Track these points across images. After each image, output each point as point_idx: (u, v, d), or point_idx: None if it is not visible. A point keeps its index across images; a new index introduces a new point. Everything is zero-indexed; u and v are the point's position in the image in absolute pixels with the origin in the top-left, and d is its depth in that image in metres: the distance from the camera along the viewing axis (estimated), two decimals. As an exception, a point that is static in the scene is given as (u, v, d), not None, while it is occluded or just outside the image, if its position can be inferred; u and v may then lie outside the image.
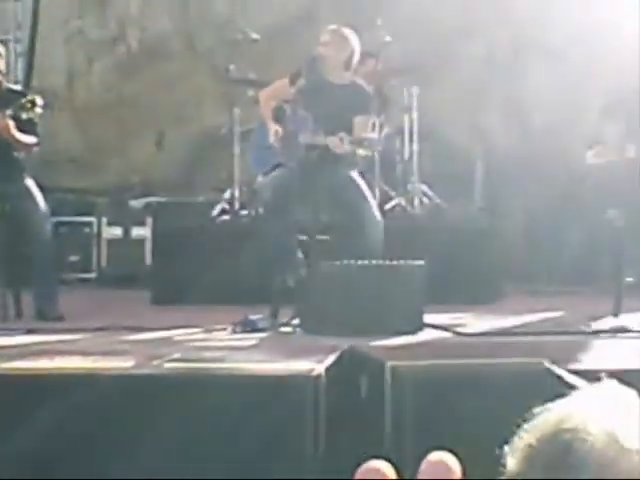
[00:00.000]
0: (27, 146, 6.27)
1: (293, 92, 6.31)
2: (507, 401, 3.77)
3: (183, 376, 3.86)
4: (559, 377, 3.82)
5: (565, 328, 5.72)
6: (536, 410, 1.16)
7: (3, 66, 6.43)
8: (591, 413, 1.12)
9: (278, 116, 6.43)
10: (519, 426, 1.18)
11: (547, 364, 4.10)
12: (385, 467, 0.53)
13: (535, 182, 9.02)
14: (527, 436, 1.13)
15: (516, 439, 1.14)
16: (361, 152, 6.16)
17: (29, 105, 6.04)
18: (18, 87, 6.51)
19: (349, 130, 6.06)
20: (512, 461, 1.11)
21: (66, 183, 9.17)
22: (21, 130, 6.14)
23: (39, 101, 6.07)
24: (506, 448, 1.23)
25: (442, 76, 9.03)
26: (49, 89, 7.90)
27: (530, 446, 1.13)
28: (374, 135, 6.62)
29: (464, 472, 0.58)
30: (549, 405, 1.14)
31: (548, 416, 1.12)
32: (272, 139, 6.28)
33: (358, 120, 6.16)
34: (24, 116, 6.03)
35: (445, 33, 9.32)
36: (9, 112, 6.03)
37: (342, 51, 6.27)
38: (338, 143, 5.96)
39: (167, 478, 3.53)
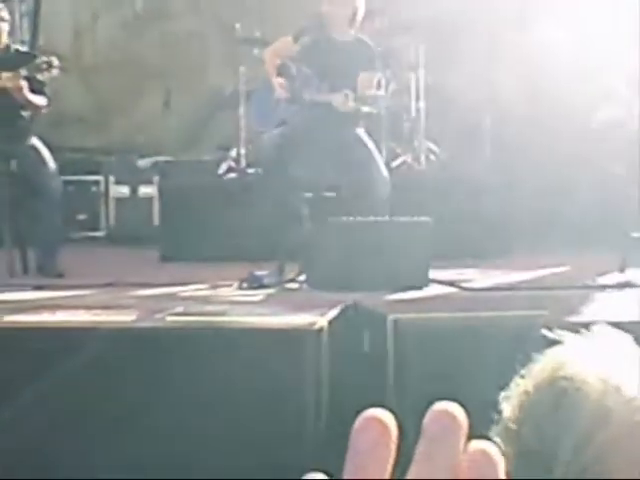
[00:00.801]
0: (38, 107, 6.29)
1: (297, 49, 6.30)
2: (509, 353, 3.79)
3: (184, 329, 3.89)
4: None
5: (571, 283, 5.72)
6: (534, 357, 1.14)
7: (8, 28, 6.42)
8: (587, 361, 1.10)
9: (282, 72, 6.42)
10: (517, 373, 1.20)
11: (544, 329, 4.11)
12: (386, 417, 0.51)
13: (544, 138, 8.99)
14: (523, 383, 1.12)
15: (512, 386, 1.13)
16: (365, 109, 6.15)
17: (45, 66, 6.05)
18: (25, 48, 6.50)
19: (353, 87, 6.05)
20: (507, 408, 1.10)
21: (73, 142, 9.17)
22: (31, 90, 6.15)
23: (55, 62, 6.08)
24: (502, 394, 1.21)
25: (449, 33, 8.97)
26: (55, 49, 7.85)
27: (526, 393, 1.11)
28: (379, 92, 6.61)
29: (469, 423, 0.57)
30: (546, 352, 1.13)
31: (544, 363, 1.11)
32: (277, 92, 6.28)
33: (362, 76, 6.15)
34: (39, 77, 6.05)
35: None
36: (23, 73, 6.04)
37: (346, 7, 6.26)
38: (342, 100, 5.96)
39: (168, 432, 3.56)
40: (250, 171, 7.80)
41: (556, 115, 8.99)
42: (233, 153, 7.97)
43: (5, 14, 6.42)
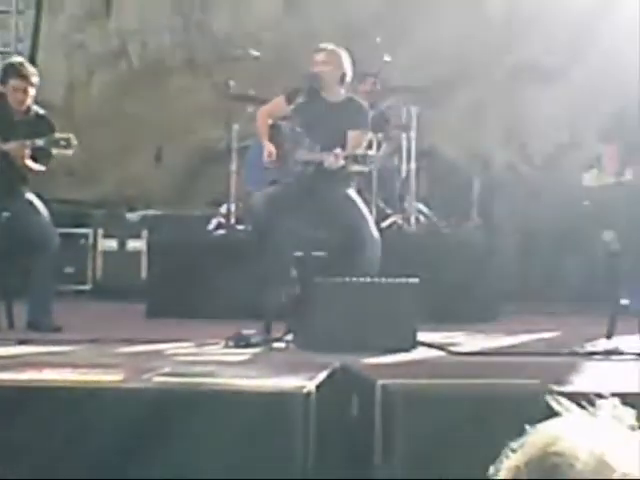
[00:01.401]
0: (34, 173, 6.29)
1: (290, 110, 6.35)
2: (500, 422, 3.77)
3: (172, 391, 3.85)
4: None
5: (559, 349, 5.71)
6: (527, 429, 1.10)
7: (34, 93, 6.36)
8: (581, 436, 1.05)
9: (274, 134, 6.47)
10: (507, 445, 1.11)
11: (550, 391, 4.10)
12: None
13: (532, 203, 9.04)
14: (514, 457, 1.07)
15: (503, 459, 1.09)
16: (356, 168, 6.19)
17: (64, 143, 6.04)
18: (42, 111, 6.47)
19: (344, 145, 6.09)
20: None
21: (63, 194, 9.17)
22: (34, 157, 6.17)
23: (74, 142, 6.07)
24: (492, 469, 1.16)
25: (441, 96, 9.05)
26: (49, 101, 7.89)
27: (517, 468, 1.07)
28: (370, 151, 6.65)
29: None
30: (539, 425, 1.08)
31: (537, 437, 1.06)
32: (266, 159, 6.32)
33: (353, 135, 6.20)
34: (54, 152, 6.05)
35: (445, 53, 9.35)
36: (39, 143, 6.03)
37: (338, 69, 6.34)
38: (333, 159, 6.00)
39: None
40: (240, 228, 7.80)
41: (545, 179, 9.05)
42: (223, 209, 7.98)
43: (36, 79, 6.36)
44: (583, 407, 1.14)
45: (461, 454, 3.73)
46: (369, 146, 6.67)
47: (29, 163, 6.17)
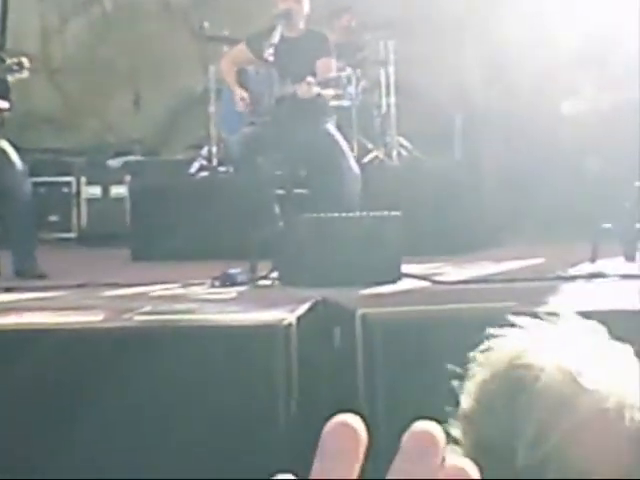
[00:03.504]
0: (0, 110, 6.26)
1: (249, 55, 6.37)
2: (477, 345, 3.81)
3: (151, 328, 3.88)
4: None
5: (542, 274, 5.75)
6: (492, 342, 1.03)
7: None
8: (547, 349, 1.00)
9: (242, 80, 6.49)
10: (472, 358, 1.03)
11: (511, 312, 4.13)
12: (356, 422, 0.51)
13: (513, 135, 9.02)
14: (480, 372, 1.04)
15: (469, 374, 1.05)
16: (330, 92, 6.23)
17: (16, 67, 6.02)
18: None
19: (314, 75, 6.12)
20: (465, 398, 1.02)
21: (44, 143, 9.15)
22: None
23: (26, 63, 6.05)
24: (458, 383, 1.12)
25: (419, 31, 8.99)
26: (23, 51, 7.82)
27: (483, 382, 1.04)
28: (342, 74, 6.68)
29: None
30: (505, 339, 1.03)
31: (502, 351, 1.02)
32: (239, 106, 6.34)
33: (320, 63, 6.22)
34: (9, 78, 6.02)
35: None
36: None
37: (306, 4, 6.36)
38: (305, 88, 6.02)
39: (137, 432, 3.55)
40: (222, 169, 7.79)
41: (525, 109, 9.02)
42: (204, 152, 7.97)
43: None
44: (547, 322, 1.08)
45: (442, 379, 3.77)
46: (337, 70, 6.67)
47: None
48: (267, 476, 0.56)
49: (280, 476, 0.52)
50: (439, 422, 0.55)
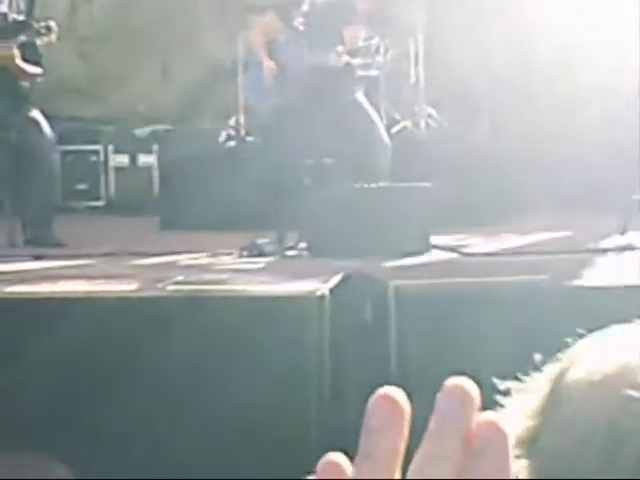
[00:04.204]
0: (32, 76, 6.28)
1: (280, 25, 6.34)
2: (511, 319, 3.81)
3: (185, 298, 3.89)
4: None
5: (572, 247, 5.72)
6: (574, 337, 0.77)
7: None
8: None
9: (271, 50, 6.46)
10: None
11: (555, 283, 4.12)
12: (399, 396, 0.52)
13: (541, 107, 8.97)
14: (569, 376, 0.74)
15: (528, 382, 0.76)
16: (358, 61, 6.21)
17: (44, 31, 6.07)
18: (22, 18, 6.50)
19: (342, 43, 6.09)
20: (533, 399, 0.74)
21: (72, 112, 9.15)
22: (25, 60, 6.14)
23: (54, 27, 6.09)
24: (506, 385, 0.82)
25: (449, 2, 8.92)
26: (51, 19, 7.81)
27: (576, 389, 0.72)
28: (371, 42, 6.66)
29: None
30: (600, 337, 0.76)
31: (602, 360, 0.73)
32: (267, 77, 6.32)
33: (348, 31, 6.18)
34: (38, 42, 6.06)
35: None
36: (21, 39, 6.05)
37: None
38: (336, 57, 6.00)
39: (173, 399, 3.57)
40: (249, 139, 7.78)
41: (553, 81, 8.96)
42: (232, 121, 7.95)
43: None
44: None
45: (476, 352, 3.77)
46: (376, 50, 6.63)
47: (21, 64, 6.14)
48: (302, 449, 0.55)
49: (332, 455, 0.52)
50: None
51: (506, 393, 0.73)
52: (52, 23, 6.14)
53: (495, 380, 0.72)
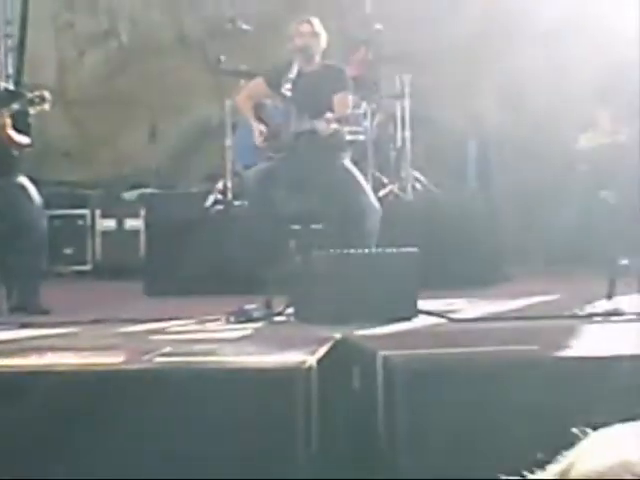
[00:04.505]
0: (20, 146, 6.29)
1: (268, 90, 6.39)
2: (501, 389, 3.80)
3: (173, 371, 3.86)
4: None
5: (559, 312, 5.73)
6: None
7: None
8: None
9: (260, 114, 6.50)
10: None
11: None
12: None
13: (529, 165, 9.03)
14: (575, 470, 0.77)
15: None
16: (349, 129, 6.25)
17: (37, 100, 6.10)
18: (12, 86, 6.55)
19: (331, 111, 6.13)
20: None
21: (59, 176, 9.16)
22: (15, 129, 6.17)
23: (47, 96, 6.14)
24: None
25: (434, 62, 9.01)
26: (40, 83, 7.86)
27: None
28: (359, 111, 6.69)
29: None
30: (602, 435, 0.79)
31: (605, 456, 0.75)
32: (258, 141, 6.35)
33: (337, 98, 6.22)
34: (31, 111, 6.09)
35: (436, 18, 9.30)
36: (14, 107, 6.08)
37: (323, 39, 6.37)
38: (325, 124, 6.03)
39: (158, 475, 3.54)
40: (237, 203, 7.79)
41: (540, 142, 9.03)
42: (220, 185, 7.97)
43: None
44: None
45: (465, 423, 3.75)
46: (354, 106, 6.67)
47: (13, 134, 6.15)
48: None
49: None
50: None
51: None
52: (46, 93, 6.18)
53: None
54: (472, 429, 3.66)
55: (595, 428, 0.82)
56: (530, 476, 0.79)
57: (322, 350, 4.14)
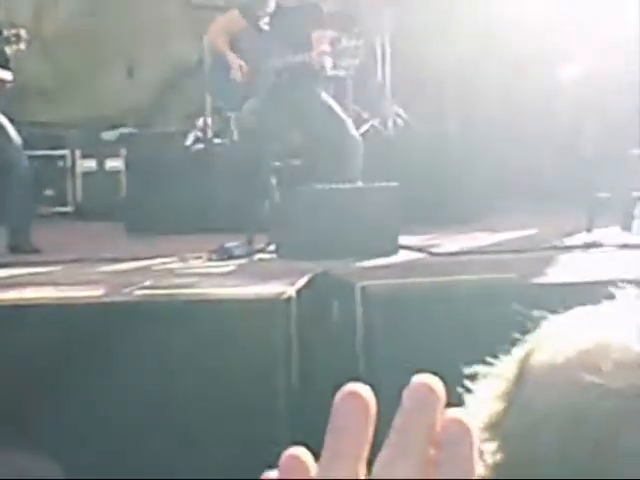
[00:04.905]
0: (2, 81, 6.23)
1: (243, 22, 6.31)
2: (477, 316, 3.82)
3: (152, 302, 3.88)
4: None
5: (538, 244, 5.76)
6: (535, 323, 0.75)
7: None
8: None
9: (237, 48, 6.40)
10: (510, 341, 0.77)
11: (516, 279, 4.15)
12: (365, 391, 0.52)
13: (509, 100, 9.00)
14: (533, 358, 0.73)
15: (506, 362, 0.74)
16: (327, 63, 6.21)
17: (14, 39, 6.03)
18: None
19: (311, 48, 6.07)
20: (500, 382, 0.73)
21: (37, 117, 9.08)
22: None
23: (24, 34, 6.06)
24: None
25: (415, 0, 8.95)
26: (15, 21, 7.76)
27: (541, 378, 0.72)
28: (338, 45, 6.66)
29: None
30: (565, 319, 0.74)
31: (565, 343, 0.71)
32: (237, 76, 6.26)
33: (315, 36, 6.15)
34: (8, 50, 6.03)
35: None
36: None
37: None
38: (303, 58, 5.99)
39: (139, 404, 3.56)
40: (217, 141, 7.76)
41: (520, 77, 9.00)
42: (200, 123, 7.93)
43: None
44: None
45: (443, 351, 3.78)
46: (344, 51, 6.63)
47: None
48: (269, 448, 0.56)
49: (293, 449, 0.53)
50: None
51: (474, 378, 0.73)
52: (22, 31, 6.11)
53: (463, 365, 0.74)
54: (451, 356, 3.69)
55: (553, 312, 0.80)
56: (495, 362, 0.78)
57: (301, 282, 4.16)
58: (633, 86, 6.86)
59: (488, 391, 0.73)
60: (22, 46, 6.11)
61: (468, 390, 0.73)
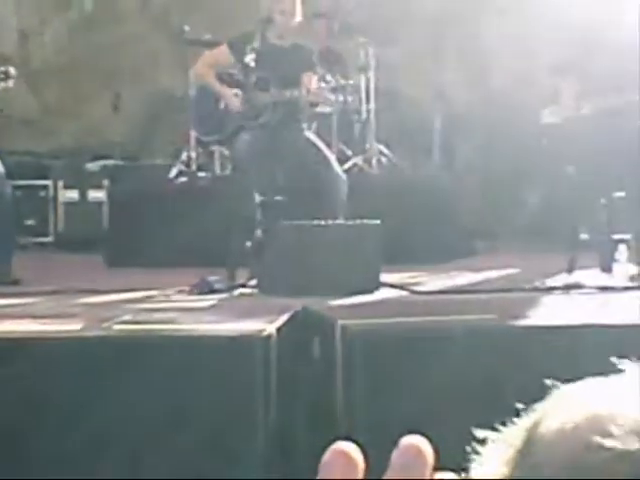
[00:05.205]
0: None
1: (231, 58, 6.32)
2: (459, 358, 3.81)
3: (131, 338, 3.85)
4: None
5: (519, 285, 5.76)
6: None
7: None
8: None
9: (229, 81, 6.42)
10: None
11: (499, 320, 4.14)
12: (354, 451, 0.52)
13: (493, 141, 9.05)
14: (543, 426, 0.73)
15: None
16: (313, 99, 6.24)
17: (2, 76, 6.02)
18: None
19: (299, 89, 6.10)
20: (507, 448, 0.73)
21: (21, 146, 9.07)
22: None
23: (12, 72, 6.05)
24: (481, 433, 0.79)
25: (401, 36, 9.01)
26: (1, 52, 7.77)
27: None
28: (326, 83, 6.70)
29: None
30: (574, 389, 0.75)
31: (574, 411, 0.72)
32: (235, 105, 6.26)
33: (305, 76, 6.18)
34: None
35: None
36: None
37: (295, 16, 6.31)
38: (289, 95, 6.02)
39: (116, 441, 3.53)
40: (201, 175, 7.76)
41: (505, 116, 9.05)
42: (184, 157, 7.93)
43: None
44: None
45: (422, 392, 3.77)
46: (329, 89, 6.66)
47: None
48: None
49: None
50: (422, 435, 0.54)
51: (483, 442, 0.73)
52: (11, 69, 6.10)
53: (474, 430, 0.73)
54: (429, 396, 3.68)
55: (566, 382, 0.81)
56: (502, 429, 0.78)
57: (282, 319, 4.14)
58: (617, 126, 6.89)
59: (495, 456, 0.72)
60: (10, 84, 6.11)
61: (477, 453, 0.72)
